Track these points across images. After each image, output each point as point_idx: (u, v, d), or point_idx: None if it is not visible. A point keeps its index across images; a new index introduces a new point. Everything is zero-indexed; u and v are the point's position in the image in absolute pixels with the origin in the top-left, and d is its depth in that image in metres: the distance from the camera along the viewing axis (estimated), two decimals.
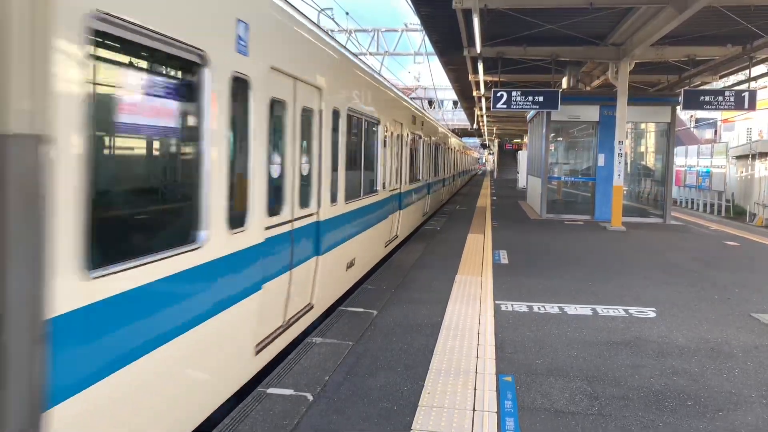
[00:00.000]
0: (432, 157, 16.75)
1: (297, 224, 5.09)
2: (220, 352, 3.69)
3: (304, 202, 5.36)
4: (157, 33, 2.82)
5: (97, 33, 2.44)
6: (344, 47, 7.22)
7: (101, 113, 2.64)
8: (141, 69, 3.00)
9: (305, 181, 5.41)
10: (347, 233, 6.82)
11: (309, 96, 5.37)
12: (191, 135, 3.36)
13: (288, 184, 4.94)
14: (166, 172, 3.42)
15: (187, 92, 3.34)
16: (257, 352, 4.26)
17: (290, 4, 5.05)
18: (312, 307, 5.58)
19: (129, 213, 3.01)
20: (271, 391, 4.21)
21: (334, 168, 6.19)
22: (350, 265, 7.06)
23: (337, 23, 23.59)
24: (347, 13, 21.89)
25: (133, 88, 2.96)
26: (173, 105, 3.31)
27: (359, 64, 7.88)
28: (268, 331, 4.53)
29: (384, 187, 9.12)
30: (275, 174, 4.70)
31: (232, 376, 3.95)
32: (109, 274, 2.55)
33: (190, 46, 3.13)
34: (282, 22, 4.75)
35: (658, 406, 4.15)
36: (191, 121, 3.37)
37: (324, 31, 6.29)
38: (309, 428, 3.69)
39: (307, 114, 5.35)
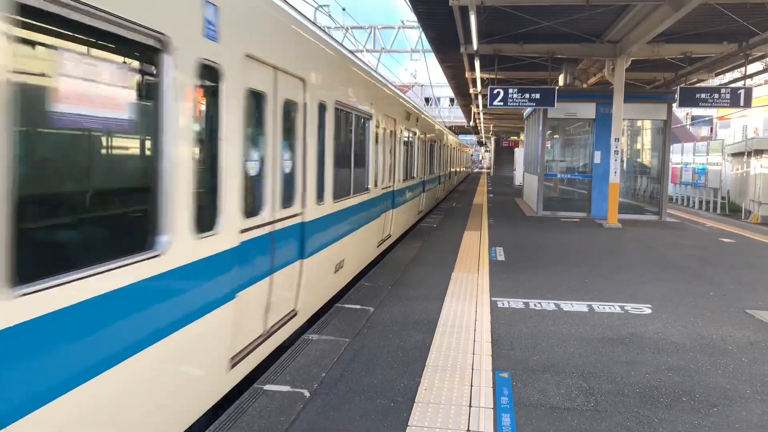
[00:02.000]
0: (402, 153, 11.83)
1: None
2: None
3: None
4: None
5: None
6: None
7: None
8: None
9: None
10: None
11: None
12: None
13: None
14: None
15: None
16: None
17: None
18: None
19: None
20: (267, 387, 4.21)
21: None
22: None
23: (333, 20, 23.56)
24: (344, 9, 21.87)
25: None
26: None
27: None
28: None
29: (234, 217, 3.95)
30: None
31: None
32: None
33: None
34: None
35: (653, 402, 4.17)
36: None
37: None
38: (306, 425, 3.70)
39: None
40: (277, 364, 4.67)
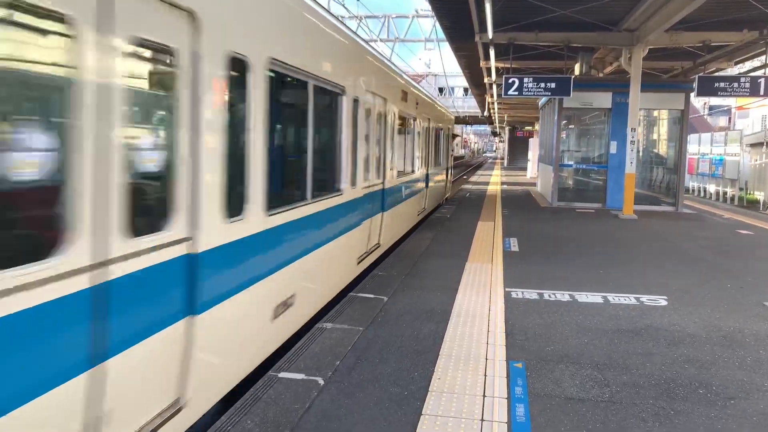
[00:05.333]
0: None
1: None
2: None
3: None
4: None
5: None
6: None
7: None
8: None
9: None
10: None
11: None
12: None
13: None
14: None
15: None
16: None
17: None
18: None
19: None
20: (282, 375, 4.24)
21: None
22: None
23: (347, 9, 23.51)
24: None
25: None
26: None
27: None
28: None
29: None
30: None
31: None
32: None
33: None
34: None
35: (669, 393, 4.14)
36: None
37: None
38: (320, 412, 3.72)
39: None
40: (292, 352, 4.70)
